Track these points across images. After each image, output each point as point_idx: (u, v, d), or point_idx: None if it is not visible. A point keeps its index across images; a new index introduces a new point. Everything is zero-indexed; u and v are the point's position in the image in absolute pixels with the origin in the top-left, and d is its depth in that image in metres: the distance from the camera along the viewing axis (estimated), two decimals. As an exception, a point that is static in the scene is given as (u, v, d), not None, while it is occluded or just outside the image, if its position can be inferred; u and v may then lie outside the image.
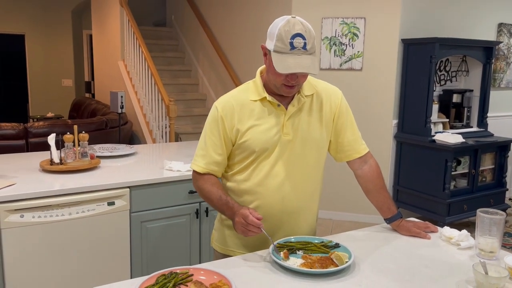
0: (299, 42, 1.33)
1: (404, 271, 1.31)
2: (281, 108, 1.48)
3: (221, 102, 1.51)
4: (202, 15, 5.88)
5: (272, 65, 1.38)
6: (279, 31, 1.35)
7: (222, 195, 1.46)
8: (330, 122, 1.56)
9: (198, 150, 1.55)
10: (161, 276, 1.16)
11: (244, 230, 1.34)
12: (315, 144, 1.52)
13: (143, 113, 5.19)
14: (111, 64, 6.10)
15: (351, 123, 1.61)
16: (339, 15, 4.14)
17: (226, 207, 1.44)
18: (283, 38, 1.34)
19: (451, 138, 3.78)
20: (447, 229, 1.58)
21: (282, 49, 1.34)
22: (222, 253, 1.60)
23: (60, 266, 2.09)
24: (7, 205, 1.94)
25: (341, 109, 1.58)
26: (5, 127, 3.76)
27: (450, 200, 3.81)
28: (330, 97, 1.56)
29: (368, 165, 1.63)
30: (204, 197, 1.53)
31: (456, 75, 4.42)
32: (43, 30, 8.00)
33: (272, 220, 1.50)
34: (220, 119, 1.48)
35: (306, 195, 1.55)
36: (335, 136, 1.59)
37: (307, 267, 1.27)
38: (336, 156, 1.64)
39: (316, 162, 1.55)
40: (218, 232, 1.63)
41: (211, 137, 1.50)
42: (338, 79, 4.20)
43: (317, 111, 1.53)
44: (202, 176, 1.53)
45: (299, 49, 1.33)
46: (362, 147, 1.63)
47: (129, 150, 2.86)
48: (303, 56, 1.34)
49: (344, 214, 4.34)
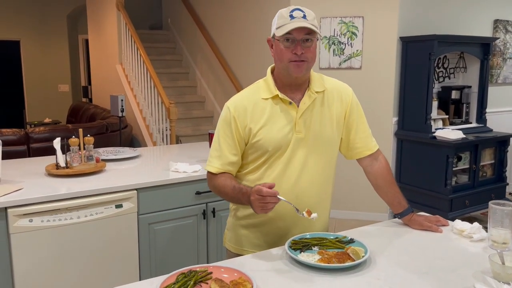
0: (299, 13, 1.39)
1: (420, 263, 1.32)
2: (293, 106, 1.48)
3: (233, 102, 1.52)
4: (199, 17, 5.89)
5: (277, 48, 1.43)
6: (280, 13, 1.43)
7: (236, 185, 1.45)
8: (341, 119, 1.56)
9: (213, 151, 1.54)
10: (181, 275, 1.16)
11: (263, 204, 1.29)
12: (328, 141, 1.52)
13: (142, 116, 5.18)
14: (108, 68, 6.09)
15: (362, 119, 1.61)
16: (338, 15, 4.16)
17: (241, 194, 1.41)
18: (283, 15, 1.41)
19: (451, 134, 3.81)
20: (459, 222, 1.59)
21: (283, 22, 1.40)
22: (236, 252, 1.59)
23: (69, 270, 2.09)
24: (15, 210, 1.93)
25: (352, 106, 1.58)
26: (6, 133, 3.74)
27: (452, 195, 3.83)
28: (341, 94, 1.57)
29: (378, 161, 1.64)
30: (220, 192, 1.52)
31: (454, 72, 4.45)
32: (39, 35, 7.97)
33: (287, 219, 1.50)
34: (233, 119, 1.48)
35: (319, 193, 1.55)
36: (346, 133, 1.59)
37: (324, 262, 1.28)
38: (346, 154, 1.64)
39: (329, 159, 1.55)
40: (231, 232, 1.63)
41: (225, 138, 1.50)
42: (338, 78, 4.14)
43: (328, 108, 1.53)
44: (217, 176, 1.52)
45: (299, 18, 1.39)
46: (373, 144, 1.64)
47: (133, 153, 2.86)
48: (304, 22, 1.38)
49: (346, 213, 4.35)
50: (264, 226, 1.55)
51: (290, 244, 1.39)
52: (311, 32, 1.39)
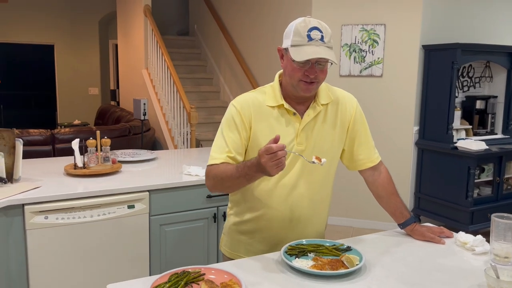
0: (316, 34, 1.34)
1: (415, 274, 1.31)
2: (297, 117, 1.48)
3: (239, 101, 1.50)
4: (223, 24, 5.98)
5: (289, 64, 1.38)
6: (296, 27, 1.37)
7: (238, 164, 1.38)
8: (344, 131, 1.55)
9: (216, 148, 1.48)
10: (174, 275, 1.20)
11: (276, 162, 1.22)
12: (327, 154, 1.50)
13: (165, 120, 5.29)
14: (135, 73, 6.26)
15: (365, 132, 1.60)
16: (359, 22, 4.15)
17: (248, 168, 1.32)
18: (300, 32, 1.35)
19: (473, 145, 3.72)
20: (462, 234, 1.56)
21: (300, 42, 1.35)
22: (231, 258, 1.61)
23: (81, 266, 2.16)
24: (32, 207, 2.02)
25: (355, 118, 1.56)
26: (33, 133, 3.91)
27: (473, 208, 3.73)
28: (345, 106, 1.55)
29: (379, 172, 1.63)
30: (222, 180, 1.41)
31: (480, 81, 4.35)
32: (72, 40, 8.28)
33: (280, 227, 1.51)
34: (238, 115, 1.46)
35: (315, 204, 1.55)
36: (349, 145, 1.58)
37: (317, 269, 1.28)
38: (349, 165, 1.64)
39: (326, 171, 1.55)
40: (227, 236, 1.65)
41: (229, 135, 1.46)
42: (358, 85, 4.19)
43: (331, 121, 1.52)
44: (217, 165, 1.44)
45: (317, 40, 1.34)
46: (375, 156, 1.63)
47: (150, 156, 2.93)
48: (321, 47, 1.34)
49: (365, 222, 4.31)
50: (260, 232, 1.56)
51: (286, 249, 1.40)
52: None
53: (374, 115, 4.18)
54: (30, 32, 7.93)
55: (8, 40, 7.81)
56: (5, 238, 1.99)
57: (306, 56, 1.32)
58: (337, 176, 1.66)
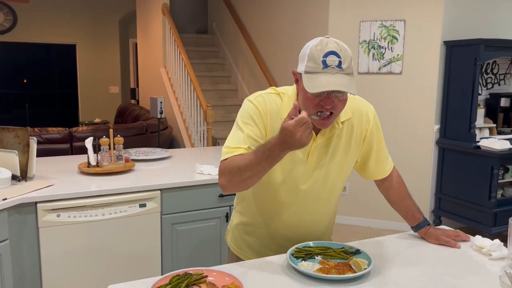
0: (333, 60, 1.18)
1: (426, 279, 1.26)
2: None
3: (257, 100, 1.37)
4: (241, 22, 5.95)
5: (303, 93, 1.23)
6: (311, 51, 1.21)
7: (256, 149, 1.24)
8: (359, 144, 1.46)
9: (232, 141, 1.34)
10: (175, 277, 1.18)
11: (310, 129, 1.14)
12: (338, 172, 1.44)
13: (183, 118, 5.30)
14: (154, 71, 6.30)
15: (380, 143, 1.50)
16: (378, 18, 4.06)
17: (268, 149, 1.19)
18: (315, 57, 1.19)
19: (497, 144, 3.59)
20: (479, 238, 1.49)
21: (314, 69, 1.19)
22: (235, 253, 1.59)
23: (93, 265, 2.17)
24: (44, 205, 2.04)
25: (372, 131, 1.46)
26: (51, 131, 3.97)
27: (497, 209, 3.61)
28: (362, 117, 1.43)
29: (390, 177, 1.58)
30: (239, 170, 1.25)
31: (505, 78, 4.20)
32: (93, 40, 8.40)
33: (283, 242, 1.48)
34: (257, 112, 1.34)
35: (321, 220, 1.51)
36: (363, 156, 1.50)
37: (323, 272, 1.24)
38: (360, 173, 1.58)
39: (336, 188, 1.49)
40: (233, 233, 1.62)
41: (248, 128, 1.33)
42: (377, 83, 4.10)
43: (346, 140, 1.41)
44: (232, 157, 1.29)
45: (333, 67, 1.18)
46: (387, 168, 1.55)
47: (164, 154, 2.93)
48: (338, 75, 1.18)
49: (383, 222, 4.22)
50: (264, 239, 1.52)
51: (293, 251, 1.36)
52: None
53: (394, 113, 4.09)
54: (52, 32, 8.08)
55: (32, 40, 7.99)
56: (19, 235, 2.01)
57: (319, 88, 1.17)
58: (355, 177, 1.62)
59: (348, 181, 4.37)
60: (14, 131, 2.20)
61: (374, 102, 1.54)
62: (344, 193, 4.21)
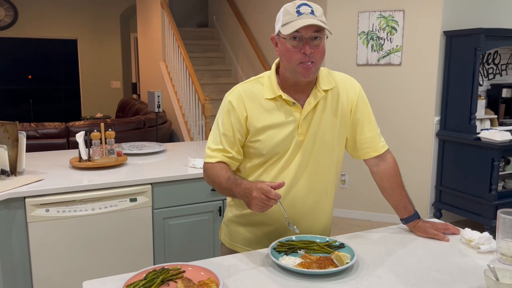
0: (306, 9, 1.30)
1: (411, 274, 1.22)
2: (297, 107, 1.40)
3: (234, 94, 1.43)
4: (242, 15, 5.90)
5: (284, 47, 1.34)
6: (284, 8, 1.35)
7: (231, 175, 1.37)
8: (346, 117, 1.47)
9: (212, 143, 1.46)
10: (151, 272, 1.15)
11: (264, 205, 1.22)
12: (328, 144, 1.44)
13: (182, 112, 5.28)
14: (153, 65, 6.27)
15: (368, 118, 1.51)
16: (376, 9, 3.99)
17: (235, 185, 1.32)
18: (289, 10, 1.32)
19: (497, 135, 3.53)
20: (468, 231, 1.45)
21: (290, 19, 1.31)
22: (230, 248, 1.57)
23: (83, 260, 2.16)
24: (33, 200, 2.02)
25: (358, 103, 1.48)
26: (48, 126, 3.96)
27: (497, 202, 3.55)
28: (347, 90, 1.47)
29: (385, 162, 1.53)
30: (214, 182, 1.42)
31: (506, 68, 4.12)
32: (94, 34, 8.39)
33: (281, 222, 1.44)
34: (233, 110, 1.41)
35: (317, 196, 1.48)
36: (352, 132, 1.50)
37: (304, 267, 1.21)
38: (353, 154, 1.56)
39: (329, 162, 1.47)
40: (227, 227, 1.60)
41: (224, 130, 1.43)
42: (376, 75, 4.05)
43: (332, 108, 1.44)
44: (213, 165, 1.43)
45: (307, 14, 1.30)
46: (380, 145, 1.53)
47: (158, 148, 2.90)
48: (312, 19, 1.29)
49: (383, 216, 4.18)
50: (260, 226, 1.50)
51: (275, 245, 1.33)
52: (320, 29, 1.30)
53: (393, 105, 4.03)
54: (54, 28, 8.08)
55: (33, 35, 7.99)
56: (8, 231, 2.00)
57: (296, 26, 1.28)
58: (354, 170, 1.58)
59: (348, 174, 4.34)
60: (3, 126, 2.18)
61: (373, 94, 1.52)
62: (343, 187, 4.17)
